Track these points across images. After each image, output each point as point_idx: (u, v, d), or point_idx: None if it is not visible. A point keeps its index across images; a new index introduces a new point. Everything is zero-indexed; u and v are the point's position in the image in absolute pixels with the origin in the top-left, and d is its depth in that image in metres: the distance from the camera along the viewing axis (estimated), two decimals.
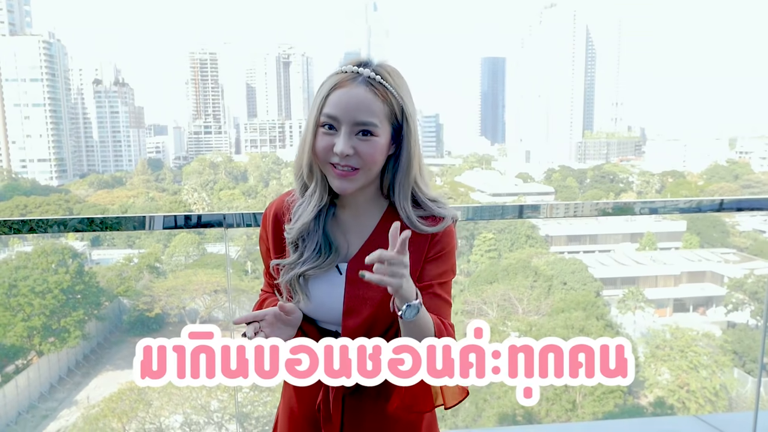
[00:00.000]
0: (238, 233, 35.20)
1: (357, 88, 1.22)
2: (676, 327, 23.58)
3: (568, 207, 2.62)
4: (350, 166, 1.23)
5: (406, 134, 1.27)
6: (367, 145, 1.22)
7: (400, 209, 1.30)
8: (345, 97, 1.22)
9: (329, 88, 1.23)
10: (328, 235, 1.32)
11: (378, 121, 1.22)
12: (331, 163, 1.24)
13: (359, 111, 1.21)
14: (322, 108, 1.23)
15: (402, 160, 1.28)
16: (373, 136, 1.22)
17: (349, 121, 1.21)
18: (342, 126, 1.22)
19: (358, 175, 1.24)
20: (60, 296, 24.29)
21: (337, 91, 1.23)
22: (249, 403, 17.42)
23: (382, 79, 1.23)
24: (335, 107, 1.22)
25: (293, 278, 1.30)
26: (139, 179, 72.11)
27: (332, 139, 1.23)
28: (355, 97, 1.21)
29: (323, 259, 1.30)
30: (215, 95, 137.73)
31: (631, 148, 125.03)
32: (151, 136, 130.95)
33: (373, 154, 1.23)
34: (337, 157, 1.22)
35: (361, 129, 1.22)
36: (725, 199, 2.57)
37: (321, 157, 1.25)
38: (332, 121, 1.22)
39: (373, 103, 1.22)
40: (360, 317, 1.27)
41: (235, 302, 28.62)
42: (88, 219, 2.19)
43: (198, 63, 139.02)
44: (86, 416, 17.73)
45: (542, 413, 18.74)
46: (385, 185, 1.32)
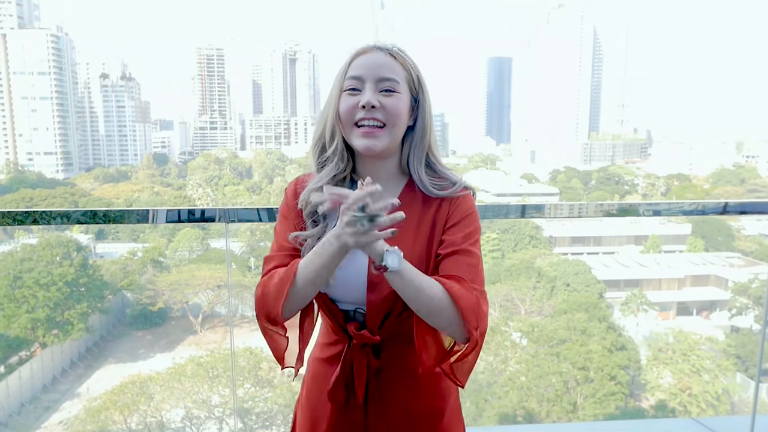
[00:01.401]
0: (242, 229, 35.27)
1: (378, 53, 1.31)
2: (679, 330, 23.50)
3: (572, 207, 2.61)
4: (376, 119, 1.27)
5: (422, 104, 1.34)
6: (391, 100, 1.28)
7: (414, 173, 1.34)
8: (368, 59, 1.30)
9: (352, 56, 1.32)
10: None
11: (399, 80, 1.30)
12: (355, 124, 1.29)
13: (382, 68, 1.29)
14: (346, 73, 1.30)
15: (417, 128, 1.34)
16: (396, 93, 1.29)
17: (372, 77, 1.28)
18: (366, 83, 1.28)
19: (383, 132, 1.28)
20: (64, 289, 24.40)
21: (359, 57, 1.31)
22: (250, 398, 17.46)
23: (399, 50, 1.33)
24: (359, 68, 1.29)
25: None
26: (144, 174, 72.32)
27: (357, 99, 1.28)
28: (377, 59, 1.30)
29: None
30: (221, 91, 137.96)
31: (636, 151, 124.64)
32: (156, 131, 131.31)
33: (397, 107, 1.28)
34: (363, 111, 1.27)
35: (384, 86, 1.28)
36: (729, 202, 2.56)
37: (345, 118, 1.29)
38: (356, 81, 1.29)
39: (394, 64, 1.30)
40: (384, 292, 1.27)
41: (238, 298, 28.69)
42: (92, 212, 2.19)
43: (205, 59, 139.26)
44: (88, 408, 17.80)
45: (543, 414, 18.72)
46: (403, 158, 1.36)
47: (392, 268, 1.14)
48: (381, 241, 1.14)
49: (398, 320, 1.30)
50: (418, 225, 1.31)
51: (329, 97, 1.33)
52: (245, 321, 29.04)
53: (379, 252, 1.14)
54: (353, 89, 1.29)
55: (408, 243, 1.28)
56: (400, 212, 1.11)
